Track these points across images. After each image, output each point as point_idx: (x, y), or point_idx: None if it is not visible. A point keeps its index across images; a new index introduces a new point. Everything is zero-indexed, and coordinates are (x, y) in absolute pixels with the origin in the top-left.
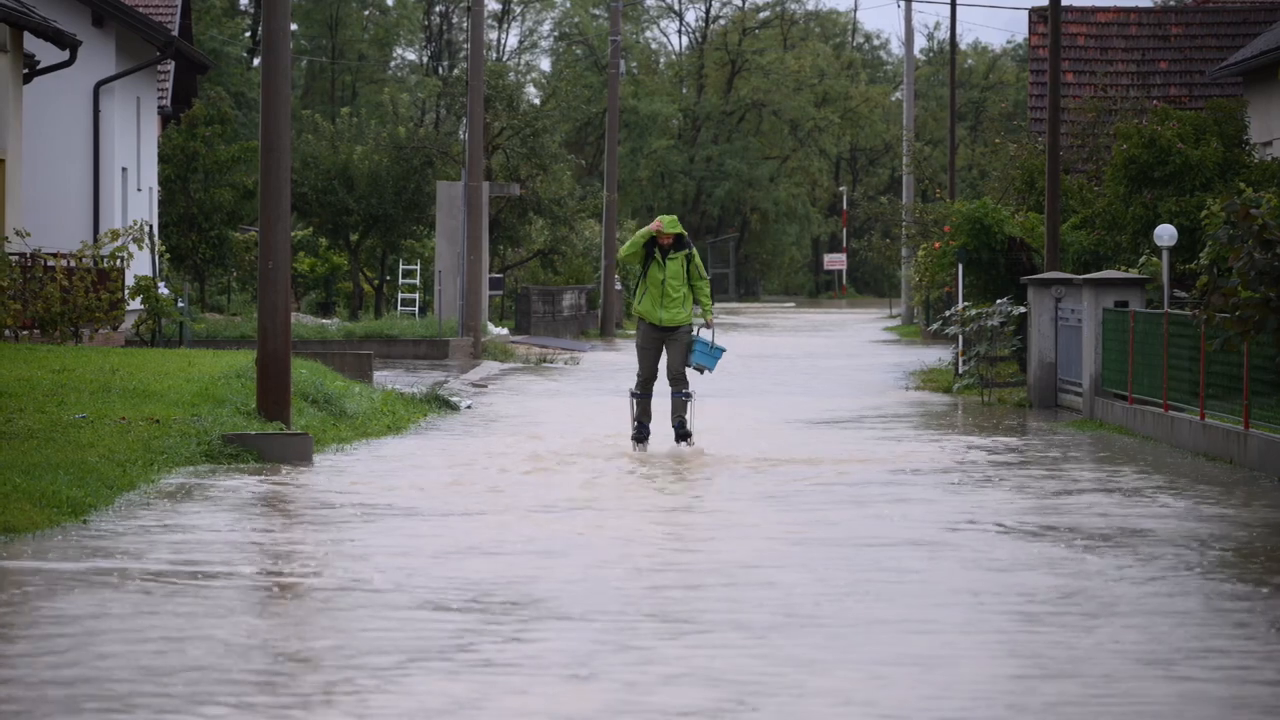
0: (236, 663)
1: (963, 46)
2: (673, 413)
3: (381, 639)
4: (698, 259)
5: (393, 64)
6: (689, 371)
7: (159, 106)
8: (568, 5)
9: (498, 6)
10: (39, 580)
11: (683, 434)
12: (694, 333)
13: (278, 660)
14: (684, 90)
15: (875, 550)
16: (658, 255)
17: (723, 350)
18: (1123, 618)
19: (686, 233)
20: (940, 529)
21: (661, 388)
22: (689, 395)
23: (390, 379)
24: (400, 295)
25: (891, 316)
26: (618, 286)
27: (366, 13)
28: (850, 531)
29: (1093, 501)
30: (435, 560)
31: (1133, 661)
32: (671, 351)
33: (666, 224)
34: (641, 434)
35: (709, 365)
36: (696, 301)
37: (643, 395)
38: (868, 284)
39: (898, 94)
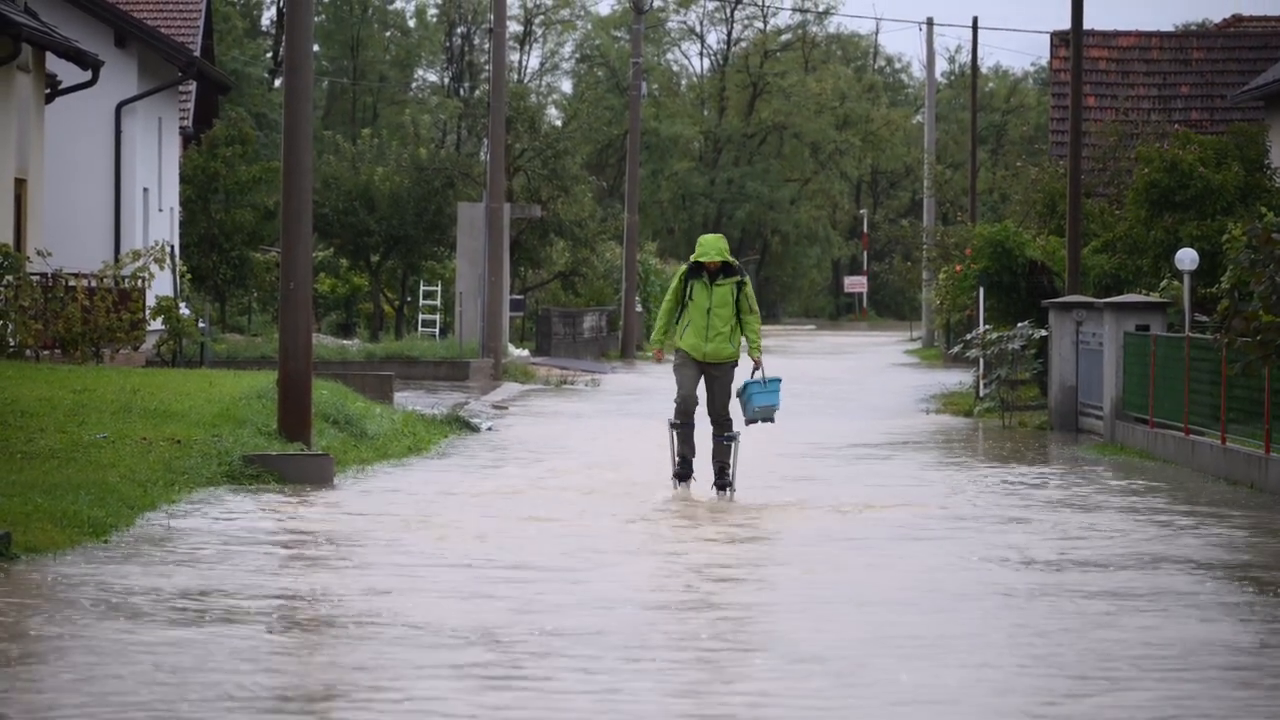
0: (251, 684)
1: (984, 70)
2: (714, 456)
3: (390, 676)
4: (749, 289)
5: (414, 85)
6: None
7: (180, 127)
8: (589, 27)
9: (519, 28)
10: (63, 600)
11: (723, 482)
12: (737, 372)
13: (292, 689)
14: (705, 112)
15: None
16: (704, 279)
17: (778, 380)
18: None
19: (735, 260)
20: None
21: (700, 412)
22: (733, 438)
23: (411, 400)
24: (421, 316)
25: (912, 340)
26: (638, 308)
27: (388, 34)
28: (954, 581)
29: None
30: (447, 600)
31: None
32: (713, 390)
33: (711, 247)
34: (685, 470)
35: (772, 404)
36: (744, 337)
37: (683, 425)
38: (888, 307)
39: (919, 117)
